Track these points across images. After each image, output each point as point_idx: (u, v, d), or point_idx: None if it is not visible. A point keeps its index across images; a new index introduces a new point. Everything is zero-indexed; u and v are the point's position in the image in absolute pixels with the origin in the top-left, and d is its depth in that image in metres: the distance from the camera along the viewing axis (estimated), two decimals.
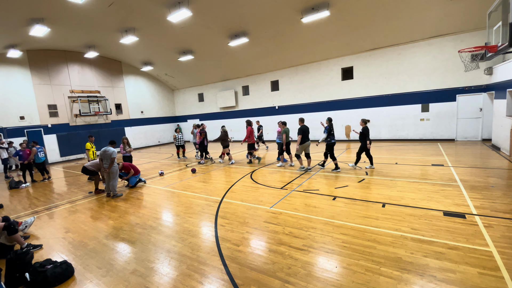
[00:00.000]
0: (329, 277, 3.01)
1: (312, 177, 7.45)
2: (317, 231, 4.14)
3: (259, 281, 3.04)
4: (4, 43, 12.73)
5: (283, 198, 5.88)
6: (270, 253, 3.64)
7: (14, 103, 14.09)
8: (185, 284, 3.10)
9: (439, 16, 10.47)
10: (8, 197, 8.15)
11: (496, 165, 7.33)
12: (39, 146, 10.33)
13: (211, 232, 4.46)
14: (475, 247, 3.37)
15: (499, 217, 4.17)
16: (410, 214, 4.52)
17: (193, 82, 21.22)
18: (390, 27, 11.47)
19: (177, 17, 10.39)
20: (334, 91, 14.95)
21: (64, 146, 16.02)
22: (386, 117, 13.58)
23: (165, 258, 3.71)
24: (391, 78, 13.15)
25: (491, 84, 10.46)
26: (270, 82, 17.43)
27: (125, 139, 9.39)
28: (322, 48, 13.84)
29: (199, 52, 15.58)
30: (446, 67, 11.73)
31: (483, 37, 9.19)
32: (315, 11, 10.32)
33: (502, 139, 8.98)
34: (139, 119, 20.46)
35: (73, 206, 6.61)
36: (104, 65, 18.07)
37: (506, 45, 5.73)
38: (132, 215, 5.63)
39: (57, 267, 3.38)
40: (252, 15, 11.43)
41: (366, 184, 6.42)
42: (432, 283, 2.77)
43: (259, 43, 13.86)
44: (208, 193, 6.77)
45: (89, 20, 11.69)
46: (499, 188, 5.51)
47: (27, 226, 5.06)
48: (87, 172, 7.45)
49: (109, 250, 4.11)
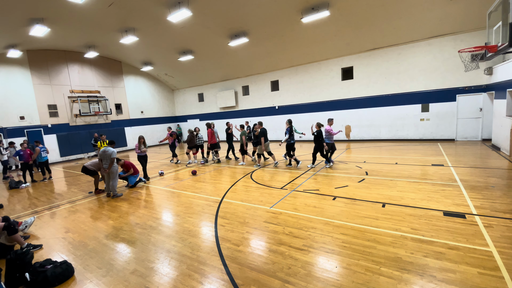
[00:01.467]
0: (329, 277, 3.01)
1: (312, 177, 7.45)
2: (317, 231, 4.14)
3: (259, 281, 3.04)
4: (4, 43, 12.72)
5: (283, 198, 5.88)
6: (270, 253, 3.64)
7: (14, 103, 14.08)
8: (185, 284, 3.10)
9: (439, 16, 10.47)
10: (8, 197, 8.15)
11: (496, 165, 7.33)
12: (42, 145, 10.48)
13: (211, 232, 4.46)
14: (475, 247, 3.38)
15: (499, 217, 4.17)
16: (410, 214, 4.52)
17: (193, 82, 21.22)
18: (390, 27, 11.48)
19: (177, 17, 10.38)
20: (334, 91, 14.95)
21: (64, 146, 16.02)
22: (386, 117, 13.58)
23: (165, 258, 3.71)
24: (391, 78, 13.15)
25: (491, 84, 10.46)
26: (270, 82, 17.43)
27: (142, 138, 8.83)
28: (322, 48, 13.84)
29: (199, 52, 15.58)
30: (446, 67, 11.73)
31: (483, 37, 9.19)
32: (315, 11, 10.32)
33: (502, 139, 8.98)
34: (139, 119, 20.46)
35: (73, 206, 6.61)
36: (104, 65, 18.07)
37: (506, 45, 5.72)
38: (132, 215, 5.63)
39: (57, 267, 3.39)
40: (252, 15, 11.43)
41: (366, 184, 6.42)
42: (432, 283, 2.77)
43: (259, 43, 13.86)
44: (208, 193, 6.77)
45: (89, 20, 11.69)
46: (499, 188, 5.51)
47: (27, 226, 5.06)
48: (87, 172, 7.45)
49: (109, 250, 4.11)
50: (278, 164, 9.45)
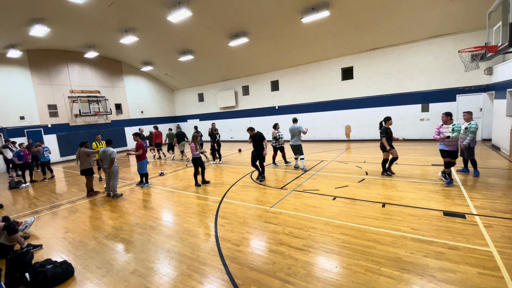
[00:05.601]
0: (329, 277, 3.01)
1: (312, 177, 7.45)
2: (317, 231, 4.14)
3: (259, 281, 3.04)
4: (4, 43, 12.72)
5: (283, 198, 5.88)
6: (270, 253, 3.64)
7: (14, 103, 14.08)
8: (185, 284, 3.10)
9: (439, 16, 10.47)
10: (8, 197, 8.15)
11: (496, 165, 7.33)
12: (45, 145, 10.66)
13: (211, 232, 4.46)
14: (475, 247, 3.37)
15: (499, 217, 4.17)
16: (410, 214, 4.52)
17: (193, 82, 21.22)
18: (390, 27, 11.47)
19: (177, 17, 10.39)
20: (334, 91, 14.95)
21: (64, 146, 16.01)
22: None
23: (165, 258, 3.71)
24: (391, 78, 13.15)
25: (491, 84, 10.46)
26: (270, 82, 17.42)
27: (199, 137, 7.76)
28: (322, 48, 13.84)
29: (199, 52, 15.58)
30: (446, 67, 11.73)
31: (483, 37, 9.18)
32: (315, 11, 10.32)
33: (502, 139, 8.98)
34: (139, 119, 20.45)
35: (73, 206, 6.61)
36: (104, 65, 18.07)
37: (506, 45, 5.72)
38: (132, 215, 5.63)
39: (57, 267, 3.39)
40: (252, 15, 11.43)
41: (366, 184, 6.42)
42: (432, 283, 2.77)
43: (259, 43, 13.86)
44: (208, 193, 6.77)
45: (89, 20, 11.69)
46: (499, 188, 5.50)
47: (27, 226, 5.06)
48: (85, 172, 7.44)
49: (109, 250, 4.11)
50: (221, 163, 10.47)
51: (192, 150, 7.32)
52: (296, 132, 8.32)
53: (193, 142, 7.40)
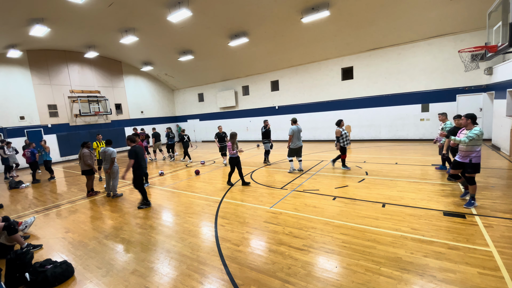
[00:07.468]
0: (329, 277, 3.01)
1: (312, 177, 7.45)
2: (317, 231, 4.14)
3: (259, 281, 3.04)
4: (4, 43, 12.72)
5: (283, 198, 5.88)
6: (270, 253, 3.64)
7: (14, 103, 14.08)
8: (185, 284, 3.10)
9: (439, 16, 10.47)
10: (8, 197, 8.15)
11: (496, 165, 7.33)
12: (35, 147, 10.85)
13: (211, 232, 4.46)
14: (475, 247, 3.37)
15: (499, 217, 4.17)
16: (410, 214, 4.52)
17: (193, 82, 21.22)
18: (390, 27, 11.47)
19: (177, 17, 10.38)
20: (334, 91, 14.95)
21: (64, 146, 16.02)
22: (386, 117, 13.58)
23: (165, 258, 3.71)
24: (391, 78, 13.14)
25: (491, 84, 10.45)
26: (270, 82, 17.42)
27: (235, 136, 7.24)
28: (322, 48, 13.83)
29: (199, 52, 15.58)
30: (446, 67, 11.72)
31: (483, 37, 9.18)
32: (315, 11, 10.31)
33: (502, 139, 8.98)
34: (139, 119, 20.44)
35: (73, 206, 6.61)
36: (104, 65, 18.07)
37: (506, 45, 5.72)
38: (132, 215, 5.63)
39: (57, 267, 3.39)
40: (252, 15, 11.43)
41: (366, 184, 6.42)
42: (432, 283, 2.77)
43: (259, 43, 13.86)
44: (208, 193, 6.77)
45: (89, 20, 11.69)
46: (499, 188, 5.50)
47: (27, 226, 5.06)
48: (86, 172, 7.44)
49: (109, 250, 4.11)
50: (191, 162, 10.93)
51: (229, 149, 7.08)
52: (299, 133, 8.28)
53: (230, 140, 7.05)
